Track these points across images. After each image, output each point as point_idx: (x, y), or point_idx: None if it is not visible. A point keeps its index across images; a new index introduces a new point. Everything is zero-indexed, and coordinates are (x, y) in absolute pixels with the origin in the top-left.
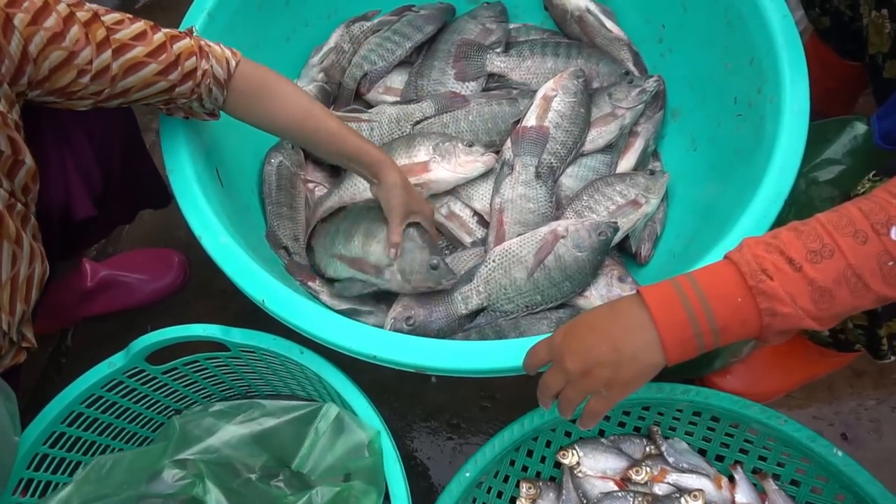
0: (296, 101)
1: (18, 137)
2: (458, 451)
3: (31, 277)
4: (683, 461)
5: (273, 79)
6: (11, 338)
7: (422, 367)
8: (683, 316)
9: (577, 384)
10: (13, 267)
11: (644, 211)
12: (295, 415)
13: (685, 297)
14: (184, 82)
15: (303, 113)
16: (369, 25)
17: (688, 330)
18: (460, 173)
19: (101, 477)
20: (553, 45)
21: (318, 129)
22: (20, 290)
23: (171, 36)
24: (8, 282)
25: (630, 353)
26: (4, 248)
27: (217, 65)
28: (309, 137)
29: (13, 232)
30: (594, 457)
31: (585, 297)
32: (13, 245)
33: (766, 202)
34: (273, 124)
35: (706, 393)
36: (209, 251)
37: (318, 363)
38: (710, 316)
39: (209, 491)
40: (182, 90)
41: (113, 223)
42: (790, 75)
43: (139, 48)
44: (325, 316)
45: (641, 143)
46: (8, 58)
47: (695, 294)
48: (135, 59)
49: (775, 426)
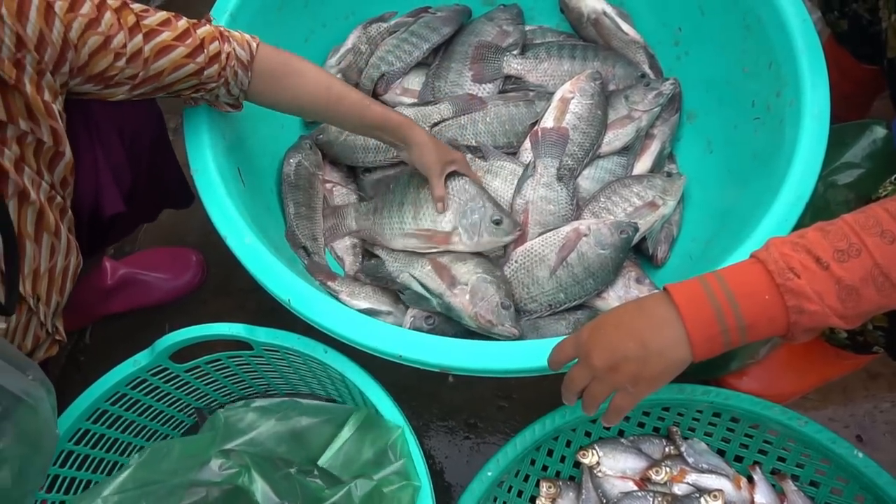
0: (317, 76)
1: (61, 128)
2: (476, 451)
3: (67, 269)
4: (703, 461)
5: (294, 58)
6: (47, 329)
7: (446, 367)
8: (711, 312)
9: (603, 380)
10: (51, 258)
11: (661, 213)
12: (327, 417)
13: (712, 294)
14: (210, 65)
15: (325, 87)
16: (386, 27)
17: (715, 326)
18: (479, 248)
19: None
20: (570, 47)
21: (342, 102)
22: (56, 281)
23: (192, 23)
24: (46, 272)
25: (657, 349)
26: (44, 240)
27: (239, 47)
28: (333, 111)
29: (52, 224)
30: (614, 456)
31: (603, 299)
32: (52, 237)
33: (787, 206)
34: (297, 102)
35: (726, 394)
36: (235, 251)
37: (342, 362)
38: (737, 313)
39: (255, 481)
40: (210, 73)
41: (137, 221)
42: (811, 79)
43: (167, 33)
44: (351, 316)
45: (658, 146)
46: (51, 45)
47: (722, 291)
48: (164, 42)
49: (796, 427)
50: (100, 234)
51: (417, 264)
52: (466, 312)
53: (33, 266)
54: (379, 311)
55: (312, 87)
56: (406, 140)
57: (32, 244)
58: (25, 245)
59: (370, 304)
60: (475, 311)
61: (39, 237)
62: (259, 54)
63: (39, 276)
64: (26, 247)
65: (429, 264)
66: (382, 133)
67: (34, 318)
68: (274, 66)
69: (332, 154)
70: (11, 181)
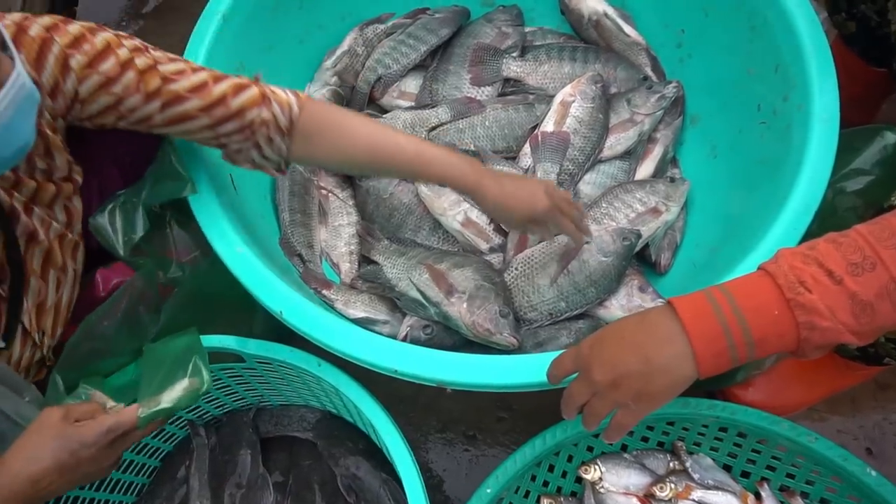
0: (369, 134)
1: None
2: (475, 464)
3: (71, 300)
4: (708, 477)
5: (340, 114)
6: (45, 359)
7: (443, 382)
8: (717, 328)
9: (605, 396)
10: (57, 292)
11: (664, 219)
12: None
13: (719, 308)
14: (240, 132)
15: (377, 145)
16: (383, 28)
17: (721, 342)
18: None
19: None
20: (570, 49)
21: (395, 158)
22: (61, 313)
23: (235, 87)
24: (52, 307)
25: (660, 365)
26: (51, 276)
27: (280, 112)
28: (386, 169)
29: (59, 261)
30: (617, 472)
31: (605, 308)
32: (59, 272)
33: (796, 214)
34: (345, 161)
35: (733, 408)
36: (226, 261)
37: (336, 376)
38: (745, 328)
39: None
40: (237, 138)
41: None
42: (819, 83)
43: (193, 101)
44: (345, 329)
45: (660, 150)
46: (62, 96)
47: (729, 306)
48: (185, 112)
49: (805, 444)
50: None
51: (416, 271)
52: (464, 321)
53: (37, 300)
54: (375, 319)
55: (363, 147)
56: (475, 199)
57: (38, 280)
58: (31, 281)
59: (366, 312)
60: (473, 320)
61: (46, 274)
62: (302, 116)
63: (45, 311)
64: (31, 282)
65: (426, 272)
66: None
67: (37, 352)
68: (317, 125)
69: None
70: (21, 223)
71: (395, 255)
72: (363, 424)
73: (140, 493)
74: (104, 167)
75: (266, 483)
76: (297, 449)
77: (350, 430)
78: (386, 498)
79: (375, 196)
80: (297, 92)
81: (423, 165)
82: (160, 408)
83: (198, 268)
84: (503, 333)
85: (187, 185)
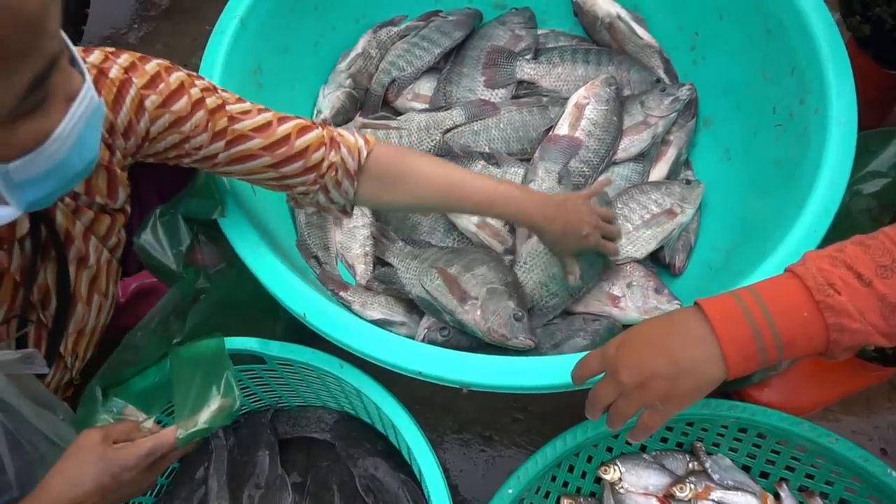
0: (439, 173)
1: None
2: (491, 464)
3: (106, 323)
4: (728, 478)
5: (409, 157)
6: (72, 381)
7: (467, 384)
8: (747, 330)
9: (631, 397)
10: (97, 318)
11: (679, 221)
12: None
13: (748, 311)
14: (306, 173)
15: (445, 188)
16: (396, 31)
17: (752, 345)
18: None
19: None
20: (583, 51)
21: (464, 202)
22: (95, 336)
23: (300, 127)
24: (89, 332)
25: (689, 367)
26: (94, 300)
27: (349, 155)
28: (456, 209)
29: (104, 286)
30: (636, 472)
31: (621, 309)
32: (102, 297)
33: (815, 216)
34: (415, 203)
35: (753, 409)
36: (249, 264)
37: (358, 377)
38: (774, 331)
39: None
40: (302, 179)
41: None
42: (836, 86)
43: (256, 140)
44: (369, 331)
45: (674, 152)
46: (134, 135)
47: (759, 308)
48: (248, 150)
49: (825, 444)
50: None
51: (428, 277)
52: (479, 328)
53: (80, 326)
54: (392, 321)
55: (436, 190)
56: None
57: (84, 305)
58: (77, 305)
59: (383, 314)
60: (488, 327)
61: (91, 298)
62: (371, 158)
63: (84, 336)
64: (77, 307)
65: (438, 277)
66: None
67: (67, 375)
68: (386, 169)
69: None
70: (75, 248)
71: (409, 257)
72: (382, 425)
73: (159, 493)
74: (146, 193)
75: (284, 484)
76: (314, 450)
77: (368, 431)
78: (405, 499)
79: None
80: (367, 136)
81: (495, 209)
82: (198, 428)
83: (224, 277)
84: (519, 337)
85: (217, 207)
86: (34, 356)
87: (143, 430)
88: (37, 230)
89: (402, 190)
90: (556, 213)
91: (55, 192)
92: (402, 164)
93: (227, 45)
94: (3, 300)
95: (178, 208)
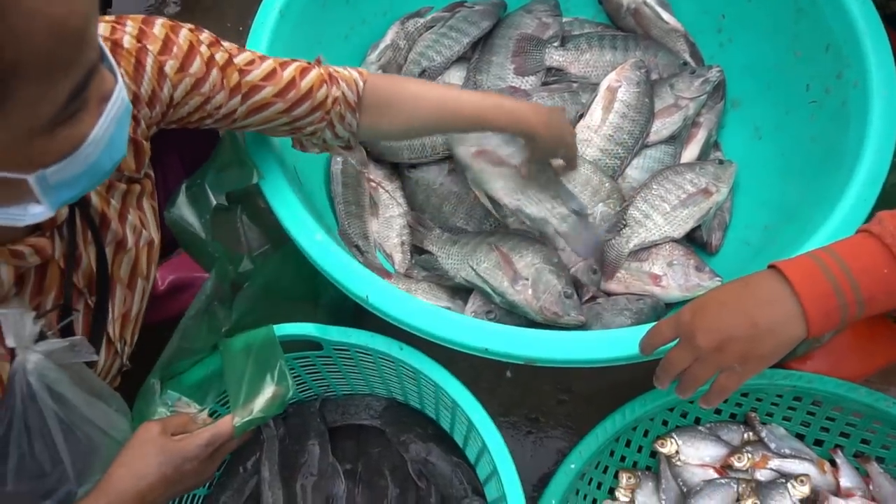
0: (427, 96)
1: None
2: (539, 445)
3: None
4: (784, 446)
5: (400, 82)
6: (122, 366)
7: (534, 360)
8: (828, 287)
9: (708, 360)
10: (141, 302)
11: (715, 199)
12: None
13: (827, 269)
14: (313, 112)
15: (437, 107)
16: (423, 22)
17: (832, 301)
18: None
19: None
20: (610, 37)
21: (457, 117)
22: (140, 321)
23: (300, 69)
24: (135, 316)
25: (767, 326)
26: (138, 285)
27: (347, 88)
28: (450, 128)
29: (144, 269)
30: (693, 444)
31: (663, 288)
32: (144, 281)
33: (864, 186)
34: (412, 126)
35: (809, 377)
36: (306, 250)
37: (420, 359)
38: (855, 287)
39: None
40: (311, 119)
41: None
42: (876, 59)
43: (268, 88)
44: (432, 311)
45: (704, 134)
46: (159, 103)
47: (838, 266)
48: (263, 100)
49: (883, 409)
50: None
51: (475, 259)
52: (532, 307)
53: (123, 310)
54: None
55: (426, 111)
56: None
57: (125, 289)
58: (116, 290)
59: (428, 300)
60: (540, 305)
61: (133, 283)
62: (366, 89)
63: (129, 320)
64: (117, 292)
65: (494, 255)
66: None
67: (118, 361)
68: (382, 96)
69: (377, 151)
70: (111, 231)
71: (449, 243)
72: (435, 409)
73: (212, 485)
74: (166, 157)
75: (336, 472)
76: (364, 437)
77: (418, 416)
78: (458, 482)
79: (425, 186)
80: (359, 69)
81: (487, 119)
82: (253, 416)
83: (268, 261)
84: (571, 314)
85: (253, 171)
86: (81, 343)
87: (197, 421)
88: (72, 215)
89: (397, 113)
90: (549, 117)
91: (85, 190)
92: (395, 89)
93: (268, 38)
94: (51, 287)
95: (208, 178)
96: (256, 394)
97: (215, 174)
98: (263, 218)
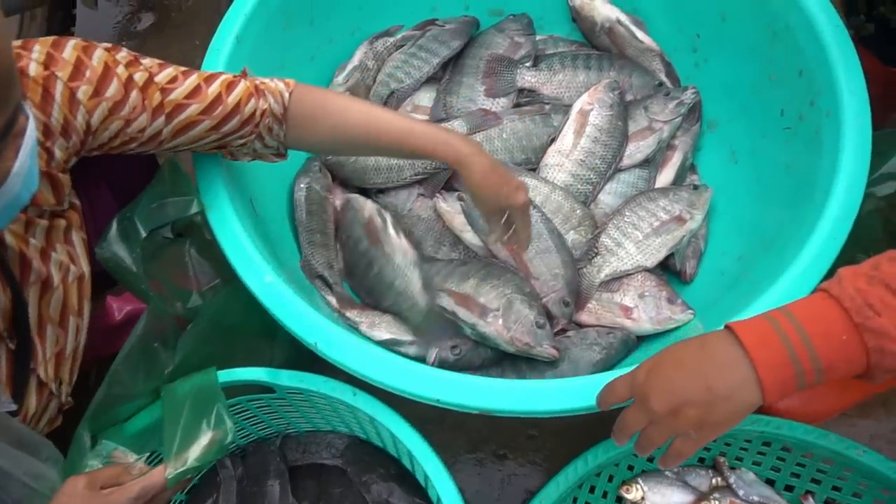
0: (357, 109)
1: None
2: (507, 483)
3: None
4: (753, 493)
5: (330, 96)
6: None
7: (488, 410)
8: (784, 354)
9: (663, 424)
10: (76, 339)
11: (689, 227)
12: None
13: (784, 334)
14: (243, 127)
15: (364, 123)
16: (393, 41)
17: (789, 369)
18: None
19: None
20: (584, 57)
21: (381, 137)
22: (77, 358)
23: (226, 84)
24: (70, 354)
25: (724, 393)
26: (70, 323)
27: (273, 100)
28: (374, 147)
29: (76, 305)
30: (659, 491)
31: (634, 320)
32: (76, 318)
33: (835, 221)
34: (338, 141)
35: (778, 423)
36: (255, 292)
37: (373, 405)
38: (812, 355)
39: None
40: (241, 133)
41: None
42: (848, 88)
43: (193, 106)
44: (384, 359)
45: (679, 157)
46: (75, 132)
47: (795, 331)
48: (188, 118)
49: (853, 457)
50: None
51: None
52: (503, 338)
53: (56, 349)
54: (401, 340)
55: (352, 125)
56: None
57: (56, 328)
58: (48, 330)
59: (391, 334)
60: (511, 336)
61: (65, 321)
62: (292, 100)
63: (64, 359)
64: (48, 332)
65: (451, 298)
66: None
67: (54, 401)
68: (308, 110)
69: (343, 175)
70: (34, 271)
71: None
72: (395, 450)
73: None
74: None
75: None
76: (325, 477)
77: (380, 454)
78: None
79: (393, 212)
80: (286, 79)
81: (416, 139)
82: (188, 466)
83: (217, 296)
84: (543, 345)
85: (192, 202)
86: None
87: (132, 472)
88: None
89: (322, 127)
90: (485, 159)
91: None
92: (321, 102)
93: (224, 65)
94: None
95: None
96: (192, 441)
97: (150, 205)
98: (213, 251)
